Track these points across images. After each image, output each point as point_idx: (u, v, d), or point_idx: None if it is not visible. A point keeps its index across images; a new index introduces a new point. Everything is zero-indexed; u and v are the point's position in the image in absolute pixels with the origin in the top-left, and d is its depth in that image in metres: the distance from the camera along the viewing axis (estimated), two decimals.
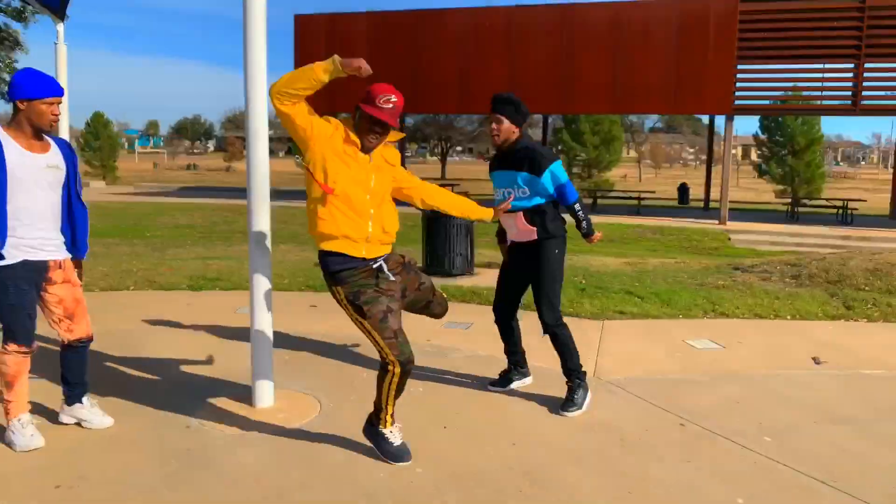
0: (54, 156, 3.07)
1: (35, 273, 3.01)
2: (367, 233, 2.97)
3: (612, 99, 17.33)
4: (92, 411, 3.32)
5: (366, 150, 2.95)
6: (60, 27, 6.59)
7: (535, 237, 3.68)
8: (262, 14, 3.38)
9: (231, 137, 68.62)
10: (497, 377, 4.07)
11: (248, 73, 3.42)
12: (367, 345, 4.85)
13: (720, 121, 21.24)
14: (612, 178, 35.87)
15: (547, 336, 3.74)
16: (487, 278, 7.63)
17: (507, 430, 3.43)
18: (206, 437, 3.25)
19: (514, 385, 4.02)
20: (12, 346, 3.00)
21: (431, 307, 3.50)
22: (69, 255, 3.17)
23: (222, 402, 3.70)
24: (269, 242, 3.57)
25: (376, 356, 4.53)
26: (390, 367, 2.94)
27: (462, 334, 5.27)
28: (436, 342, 5.01)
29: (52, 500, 2.63)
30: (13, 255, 2.93)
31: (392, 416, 3.06)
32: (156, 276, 7.42)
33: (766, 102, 18.53)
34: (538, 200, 3.66)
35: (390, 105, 2.88)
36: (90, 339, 3.26)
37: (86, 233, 3.26)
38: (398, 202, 3.24)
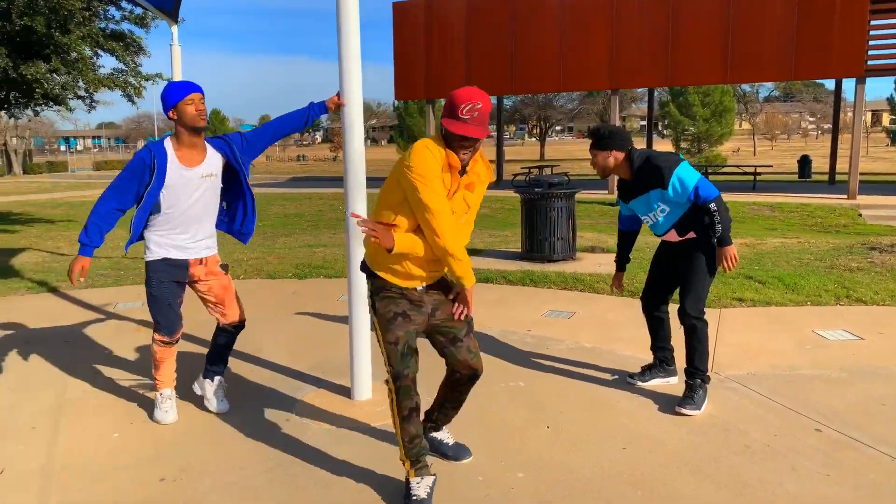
0: (208, 165, 3.24)
1: (175, 269, 3.25)
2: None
3: (723, 68, 16.15)
4: (216, 393, 3.52)
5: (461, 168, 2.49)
6: (175, 29, 6.92)
7: (694, 236, 3.44)
8: (356, 6, 3.33)
9: (336, 128, 71.18)
10: (639, 370, 3.84)
11: (342, 65, 3.37)
12: None
13: (847, 85, 19.29)
14: (724, 153, 33.73)
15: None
16: (590, 263, 7.30)
17: (615, 432, 3.18)
18: (305, 430, 3.24)
19: (656, 382, 3.75)
20: (156, 336, 3.32)
21: (457, 352, 2.67)
22: (214, 252, 3.39)
23: (322, 395, 3.70)
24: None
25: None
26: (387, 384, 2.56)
27: (564, 324, 5.03)
28: (536, 332, 4.81)
29: (156, 493, 2.69)
30: (156, 253, 3.22)
31: (408, 459, 2.57)
32: (264, 265, 7.68)
33: None
34: (681, 210, 3.37)
35: (476, 113, 2.39)
36: (241, 324, 3.51)
37: (252, 220, 3.47)
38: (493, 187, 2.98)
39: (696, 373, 3.43)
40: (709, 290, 3.46)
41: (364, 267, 2.68)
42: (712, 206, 3.24)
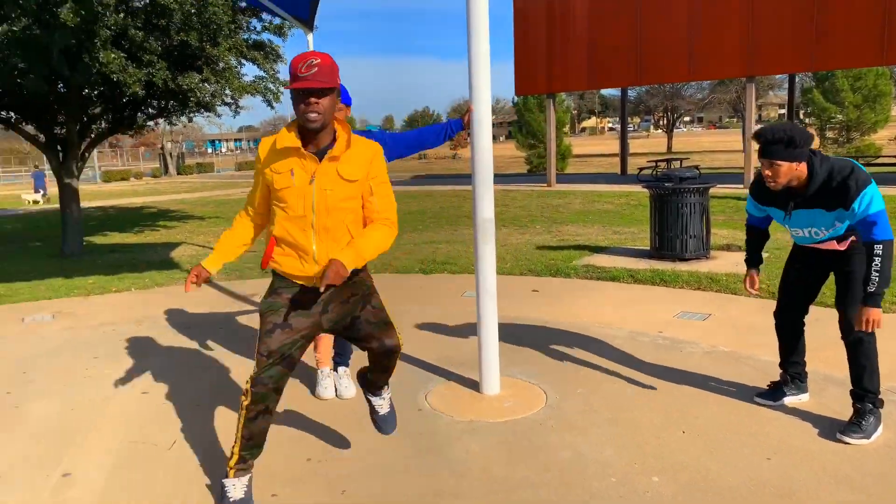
0: None
1: None
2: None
3: (878, 47, 14.62)
4: (341, 381, 3.78)
5: (308, 141, 2.41)
6: (310, 37, 7.31)
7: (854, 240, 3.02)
8: (485, 7, 3.35)
9: None
10: (766, 388, 3.50)
11: (472, 63, 3.40)
12: (593, 334, 4.65)
13: None
14: (879, 142, 30.53)
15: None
16: (726, 263, 6.91)
17: (759, 441, 3.00)
18: (436, 421, 3.34)
19: (788, 400, 3.40)
20: None
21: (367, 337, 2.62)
22: None
23: (450, 388, 3.79)
24: (492, 228, 3.55)
25: (607, 348, 4.34)
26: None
27: (699, 326, 4.80)
28: (668, 334, 4.63)
29: (304, 472, 2.88)
30: None
31: (238, 456, 2.53)
32: (392, 261, 7.97)
33: None
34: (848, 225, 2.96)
35: (315, 69, 2.27)
36: None
37: None
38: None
39: (866, 395, 3.01)
40: None
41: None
42: (879, 248, 2.75)
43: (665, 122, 49.25)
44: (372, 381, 2.83)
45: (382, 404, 2.92)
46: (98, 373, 4.28)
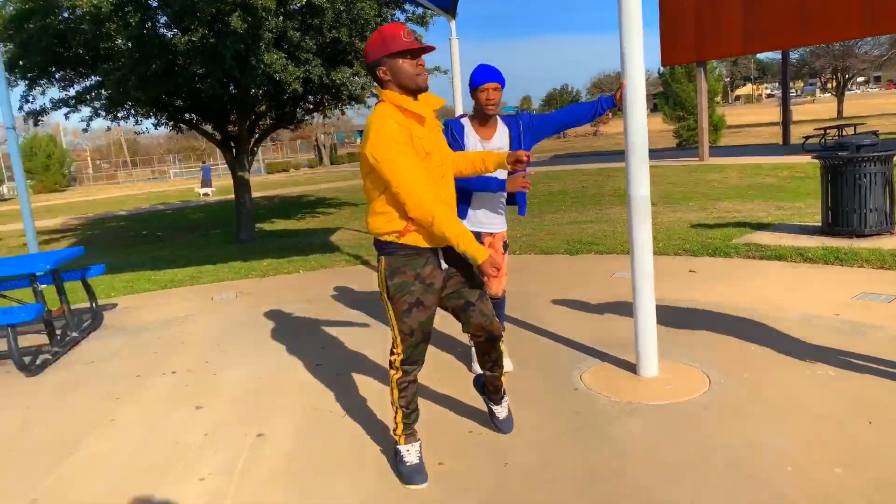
0: (498, 139, 3.63)
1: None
2: None
3: None
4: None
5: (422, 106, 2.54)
6: (453, 24, 7.45)
7: None
8: None
9: None
10: None
11: (623, 36, 3.31)
12: (759, 317, 4.39)
13: None
14: None
15: None
16: None
17: None
18: (593, 401, 3.35)
19: None
20: None
21: (471, 317, 2.74)
22: (504, 230, 3.75)
23: (605, 369, 3.77)
24: (648, 206, 3.46)
25: (775, 332, 4.08)
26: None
27: (883, 308, 4.36)
28: (847, 317, 4.25)
29: (467, 443, 3.03)
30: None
31: (403, 427, 2.76)
32: (537, 242, 7.98)
33: None
34: None
35: (413, 37, 2.48)
36: (499, 297, 3.81)
37: (524, 194, 3.75)
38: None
39: None
40: None
41: (380, 244, 2.63)
42: None
43: (834, 84, 44.28)
44: (490, 388, 2.98)
45: (502, 411, 3.06)
46: (278, 346, 4.74)
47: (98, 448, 3.32)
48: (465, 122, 3.61)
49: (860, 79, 65.83)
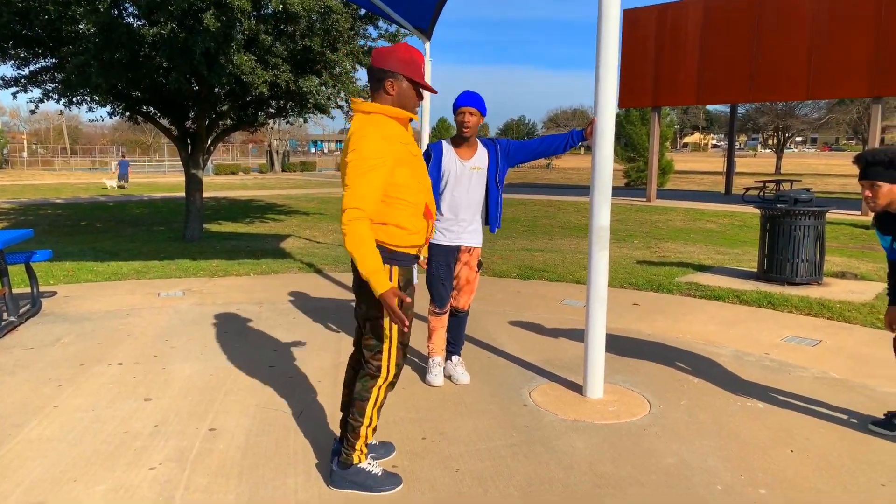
0: (477, 160, 3.83)
1: (448, 254, 3.85)
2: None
3: None
4: (456, 369, 4.04)
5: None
6: (427, 45, 7.63)
7: None
8: (617, 15, 3.47)
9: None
10: (882, 417, 3.42)
11: (599, 73, 3.53)
12: (697, 350, 4.65)
13: None
14: None
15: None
16: (840, 290, 6.64)
17: (873, 467, 2.96)
18: (542, 417, 3.49)
19: None
20: (430, 307, 3.95)
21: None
22: (479, 245, 3.94)
23: (553, 388, 3.93)
24: (607, 236, 3.67)
25: (710, 365, 4.33)
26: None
27: (808, 352, 4.69)
28: (776, 357, 4.56)
29: (421, 449, 3.11)
30: (438, 238, 3.85)
31: (368, 442, 2.73)
32: (490, 265, 8.16)
33: None
34: None
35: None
36: (464, 311, 4.03)
37: (497, 212, 3.95)
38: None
39: None
40: None
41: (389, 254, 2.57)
42: None
43: (775, 141, 46.81)
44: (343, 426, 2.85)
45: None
46: (229, 346, 4.72)
47: (41, 433, 3.25)
48: (445, 143, 3.83)
49: (798, 139, 69.74)
